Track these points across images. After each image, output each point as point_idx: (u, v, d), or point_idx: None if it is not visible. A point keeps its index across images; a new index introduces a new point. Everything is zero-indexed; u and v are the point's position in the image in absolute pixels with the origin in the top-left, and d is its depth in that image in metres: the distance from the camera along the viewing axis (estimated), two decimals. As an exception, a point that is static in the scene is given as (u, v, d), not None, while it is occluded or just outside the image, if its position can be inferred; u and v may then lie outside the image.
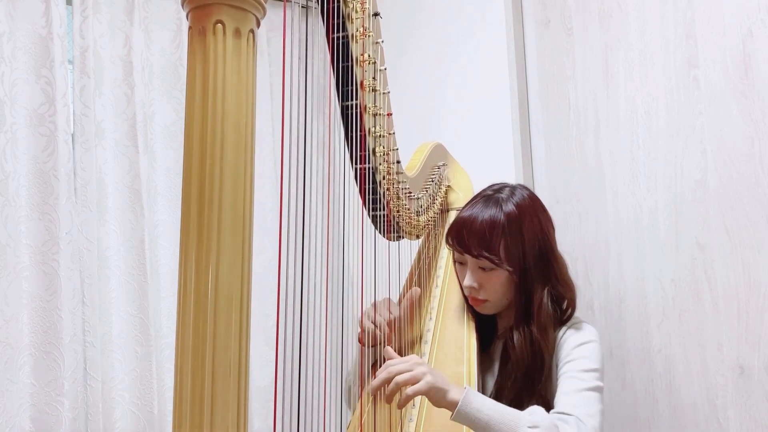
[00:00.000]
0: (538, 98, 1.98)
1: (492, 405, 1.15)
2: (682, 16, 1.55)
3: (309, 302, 0.96)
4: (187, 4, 0.63)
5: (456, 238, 1.38)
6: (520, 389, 1.31)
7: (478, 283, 1.37)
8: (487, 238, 1.33)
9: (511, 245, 1.33)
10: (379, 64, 1.22)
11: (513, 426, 1.12)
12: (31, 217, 1.98)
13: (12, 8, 1.99)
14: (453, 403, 1.13)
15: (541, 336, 1.32)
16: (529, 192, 1.43)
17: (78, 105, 2.09)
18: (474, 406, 1.13)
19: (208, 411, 0.62)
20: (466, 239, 1.35)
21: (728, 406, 1.43)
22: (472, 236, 1.34)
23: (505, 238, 1.33)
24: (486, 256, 1.33)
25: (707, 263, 1.48)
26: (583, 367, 1.28)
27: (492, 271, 1.36)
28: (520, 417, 1.14)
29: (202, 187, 0.63)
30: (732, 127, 1.44)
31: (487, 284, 1.37)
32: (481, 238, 1.34)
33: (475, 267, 1.37)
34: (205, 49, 0.63)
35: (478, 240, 1.34)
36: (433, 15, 2.32)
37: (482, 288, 1.38)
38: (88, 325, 2.05)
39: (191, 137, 0.63)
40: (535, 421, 1.12)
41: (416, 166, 1.54)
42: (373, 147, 1.27)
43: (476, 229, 1.34)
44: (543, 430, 1.11)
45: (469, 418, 1.13)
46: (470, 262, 1.38)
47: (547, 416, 1.16)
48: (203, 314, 0.62)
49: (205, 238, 0.63)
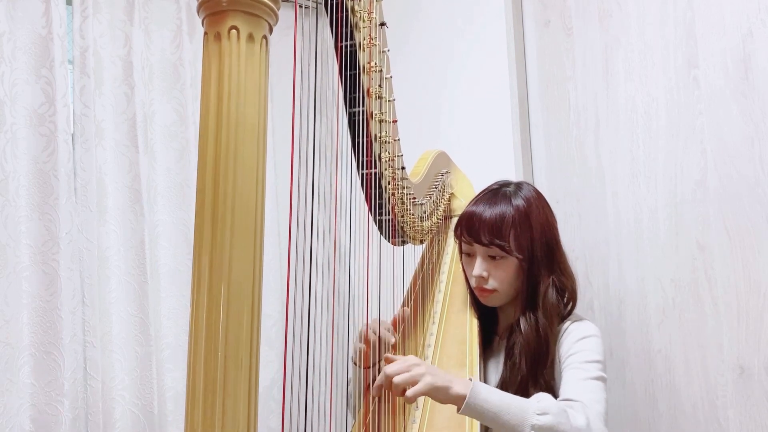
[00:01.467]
0: (538, 98, 1.98)
1: (499, 394, 1.15)
2: (682, 16, 1.56)
3: (315, 305, 0.97)
4: (202, 11, 0.64)
5: (466, 227, 1.41)
6: (525, 379, 1.32)
7: (487, 271, 1.39)
8: (498, 227, 1.36)
9: (520, 234, 1.36)
10: (385, 72, 1.25)
11: (522, 414, 1.12)
12: (31, 217, 1.98)
13: (12, 8, 1.99)
14: (459, 397, 1.13)
15: (547, 323, 1.35)
16: (534, 188, 1.47)
17: (78, 105, 2.09)
18: (482, 397, 1.13)
19: (219, 408, 0.63)
20: (476, 228, 1.38)
21: (728, 407, 1.44)
22: (483, 225, 1.37)
23: (515, 228, 1.36)
24: (497, 243, 1.36)
25: (707, 263, 1.49)
26: (586, 358, 1.29)
27: (501, 260, 1.38)
28: (529, 404, 1.14)
29: (216, 189, 0.64)
30: (732, 127, 1.44)
31: (496, 273, 1.39)
32: (491, 226, 1.36)
33: (484, 256, 1.40)
34: (220, 54, 0.64)
35: (489, 229, 1.37)
36: (432, 15, 2.33)
37: (491, 277, 1.40)
38: (88, 325, 2.05)
39: (206, 140, 0.64)
40: (544, 407, 1.12)
41: (420, 173, 1.57)
42: (378, 153, 1.30)
43: (486, 218, 1.37)
44: (552, 416, 1.11)
45: (477, 410, 1.13)
46: (479, 252, 1.40)
47: (555, 402, 1.16)
48: (216, 313, 0.64)
49: (218, 239, 0.64)
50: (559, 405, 1.15)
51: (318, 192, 0.96)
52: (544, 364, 1.32)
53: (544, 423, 1.10)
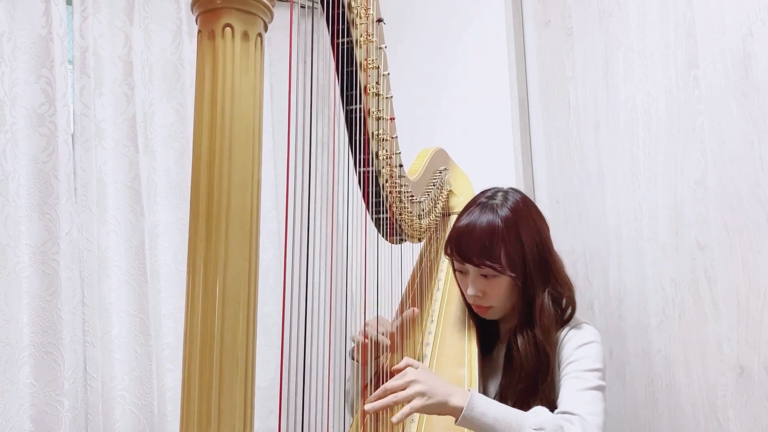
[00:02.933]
0: (538, 98, 1.98)
1: (497, 407, 1.16)
2: (682, 16, 1.55)
3: (312, 303, 0.96)
4: (196, 8, 0.63)
5: (456, 248, 1.38)
6: (524, 390, 1.31)
7: (482, 291, 1.38)
8: (488, 247, 1.33)
9: (511, 251, 1.34)
10: (383, 69, 1.24)
11: (518, 428, 1.13)
12: (31, 217, 1.98)
13: (12, 8, 1.99)
14: (456, 409, 1.14)
15: (544, 338, 1.33)
16: (522, 195, 1.44)
17: (78, 105, 2.09)
18: (479, 410, 1.14)
19: (215, 409, 0.63)
20: (466, 249, 1.36)
21: (728, 406, 1.44)
22: (473, 245, 1.35)
23: (505, 245, 1.34)
24: (488, 264, 1.33)
25: (707, 263, 1.48)
26: (585, 367, 1.28)
27: (494, 278, 1.36)
28: (525, 418, 1.15)
29: (210, 189, 0.64)
30: (732, 127, 1.44)
31: (491, 291, 1.37)
32: (481, 247, 1.34)
33: (477, 275, 1.37)
34: (214, 52, 0.64)
35: (479, 249, 1.34)
36: (432, 15, 2.32)
37: (486, 296, 1.38)
38: (88, 325, 2.05)
39: (200, 139, 0.64)
40: (540, 422, 1.13)
41: (418, 171, 1.55)
42: (376, 150, 1.29)
43: (476, 238, 1.34)
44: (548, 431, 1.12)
45: (474, 423, 1.14)
46: (472, 271, 1.38)
47: (552, 416, 1.17)
48: (211, 314, 0.63)
49: (213, 239, 0.63)
50: (555, 420, 1.16)
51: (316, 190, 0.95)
52: (545, 377, 1.31)
53: None
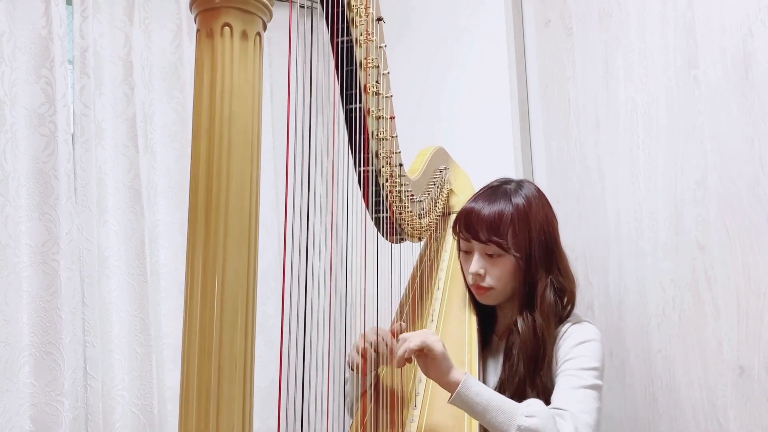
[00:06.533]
0: (538, 98, 1.98)
1: (492, 392, 1.18)
2: (682, 16, 1.55)
3: (312, 303, 0.96)
4: (195, 7, 0.63)
5: (465, 224, 1.40)
6: (522, 380, 1.32)
7: (484, 269, 1.39)
8: (496, 224, 1.36)
9: (518, 232, 1.36)
10: (383, 68, 1.24)
11: (510, 413, 1.14)
12: (31, 217, 1.98)
13: (12, 8, 1.99)
14: (454, 383, 1.17)
15: (544, 323, 1.34)
16: (536, 186, 1.46)
17: (78, 105, 2.09)
18: (474, 390, 1.16)
19: (213, 408, 0.63)
20: (475, 225, 1.38)
21: (728, 407, 1.44)
22: (481, 222, 1.37)
23: (513, 226, 1.36)
24: (495, 240, 1.35)
25: (707, 263, 1.48)
26: (582, 365, 1.29)
27: (499, 257, 1.37)
28: (518, 406, 1.16)
29: (209, 188, 0.64)
30: (732, 127, 1.44)
31: (493, 271, 1.39)
32: (489, 224, 1.36)
33: (482, 253, 1.39)
34: (212, 51, 0.63)
35: (487, 226, 1.36)
36: (432, 14, 2.32)
37: (488, 275, 1.39)
38: (88, 325, 2.05)
39: (198, 138, 0.64)
40: (532, 411, 1.15)
41: (418, 170, 1.56)
42: (376, 150, 1.29)
43: (485, 216, 1.37)
44: (540, 420, 1.13)
45: (467, 402, 1.16)
46: (477, 249, 1.39)
47: (545, 408, 1.18)
48: (210, 314, 0.63)
49: (211, 239, 0.63)
50: (548, 411, 1.17)
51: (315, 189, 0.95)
52: (542, 365, 1.32)
53: (530, 425, 1.12)
